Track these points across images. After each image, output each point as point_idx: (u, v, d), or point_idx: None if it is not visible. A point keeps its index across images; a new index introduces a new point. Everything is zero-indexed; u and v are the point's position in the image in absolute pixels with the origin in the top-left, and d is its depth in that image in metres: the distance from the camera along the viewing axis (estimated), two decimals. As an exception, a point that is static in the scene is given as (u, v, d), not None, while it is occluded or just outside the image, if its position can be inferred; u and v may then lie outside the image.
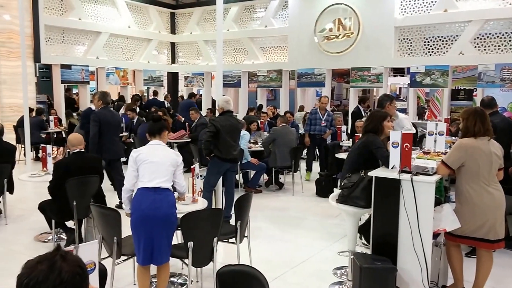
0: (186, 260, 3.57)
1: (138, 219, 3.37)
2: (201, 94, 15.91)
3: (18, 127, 9.79)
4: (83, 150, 4.66)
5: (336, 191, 4.11)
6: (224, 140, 5.38)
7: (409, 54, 11.12)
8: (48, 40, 12.00)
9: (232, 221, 4.31)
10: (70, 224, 4.94)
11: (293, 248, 4.99)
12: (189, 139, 8.95)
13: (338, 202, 3.87)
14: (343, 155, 6.70)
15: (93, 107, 6.91)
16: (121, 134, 10.50)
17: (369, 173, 3.58)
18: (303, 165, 8.05)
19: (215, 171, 5.41)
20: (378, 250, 3.53)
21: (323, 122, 7.79)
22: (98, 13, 13.20)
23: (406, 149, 3.45)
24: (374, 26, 11.16)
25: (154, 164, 3.46)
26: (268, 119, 10.56)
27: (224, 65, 5.77)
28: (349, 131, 8.89)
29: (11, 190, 5.82)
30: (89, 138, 5.92)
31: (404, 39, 11.12)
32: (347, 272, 4.17)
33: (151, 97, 14.42)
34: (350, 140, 8.03)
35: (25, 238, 5.21)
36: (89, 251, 2.01)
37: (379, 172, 3.55)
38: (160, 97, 14.50)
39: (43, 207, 4.90)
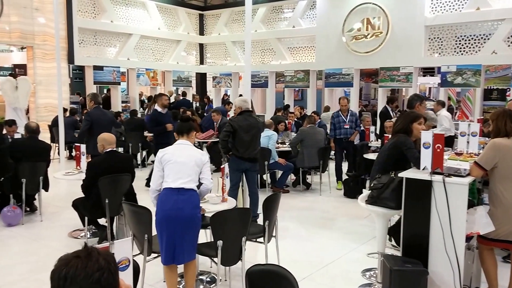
0: (215, 259, 3.61)
1: (161, 220, 3.42)
2: (228, 95, 16.03)
3: (53, 127, 10.10)
4: (115, 149, 4.77)
5: (365, 192, 4.07)
6: (241, 139, 5.42)
7: (439, 54, 10.88)
8: (82, 42, 12.34)
9: (260, 221, 4.33)
10: (102, 221, 5.07)
11: (321, 248, 4.97)
12: (217, 139, 9.04)
13: (367, 203, 3.83)
14: (371, 156, 6.62)
15: (159, 109, 7.22)
16: (149, 134, 10.75)
17: (400, 174, 3.53)
18: (331, 165, 7.98)
19: (233, 168, 5.45)
20: (409, 253, 3.47)
21: (346, 124, 7.69)
22: (129, 16, 13.48)
23: (438, 150, 3.39)
24: (403, 25, 10.98)
25: (178, 164, 3.49)
26: (295, 119, 10.54)
27: (251, 65, 5.81)
28: (377, 132, 8.77)
29: (46, 187, 6.01)
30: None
31: (434, 38, 10.89)
32: (376, 274, 4.12)
33: (180, 98, 14.63)
34: (379, 140, 7.92)
35: (59, 234, 5.37)
36: (123, 248, 2.05)
37: (410, 173, 3.49)
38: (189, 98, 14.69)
39: (76, 204, 5.04)
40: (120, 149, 9.49)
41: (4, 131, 6.54)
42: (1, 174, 5.71)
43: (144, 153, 10.19)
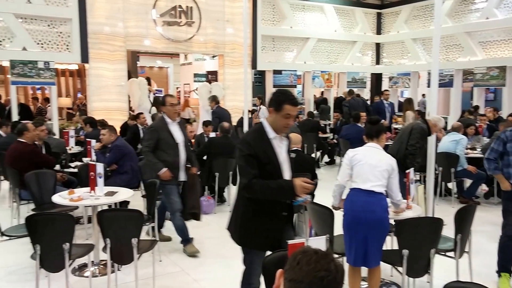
0: (399, 268, 3.43)
1: (352, 221, 3.40)
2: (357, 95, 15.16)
3: (238, 127, 11.07)
4: (300, 149, 4.96)
5: None
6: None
7: None
8: (263, 49, 13.22)
9: (448, 233, 3.94)
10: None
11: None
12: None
13: None
14: None
15: None
16: (324, 135, 10.90)
17: None
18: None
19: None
20: None
21: None
22: (307, 20, 13.91)
23: None
24: None
25: (369, 166, 3.43)
26: (487, 122, 9.37)
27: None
28: None
29: (234, 182, 6.60)
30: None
31: None
32: None
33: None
34: None
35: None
36: (317, 246, 2.09)
37: None
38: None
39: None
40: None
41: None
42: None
43: (318, 154, 10.37)
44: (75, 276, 4.22)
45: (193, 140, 7.58)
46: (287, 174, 2.89)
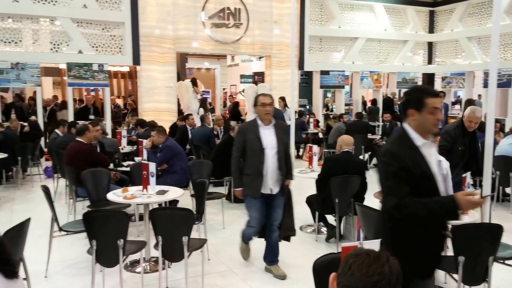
0: (455, 275, 3.29)
1: None
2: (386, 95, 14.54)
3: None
4: (350, 150, 4.88)
5: None
6: None
7: None
8: (311, 49, 13.12)
9: (507, 240, 3.73)
10: (331, 220, 5.25)
11: None
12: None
13: None
14: None
15: None
16: (372, 137, 10.65)
17: None
18: None
19: None
20: None
21: None
22: (356, 20, 13.66)
23: None
24: None
25: None
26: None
27: (489, 62, 5.03)
28: None
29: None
30: None
31: None
32: None
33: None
34: None
35: (292, 227, 5.79)
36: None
37: None
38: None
39: (310, 200, 5.37)
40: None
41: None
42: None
43: (367, 155, 10.15)
44: (127, 272, 4.36)
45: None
46: (441, 187, 2.45)
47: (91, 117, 10.54)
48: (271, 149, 4.07)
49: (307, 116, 12.20)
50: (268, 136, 4.09)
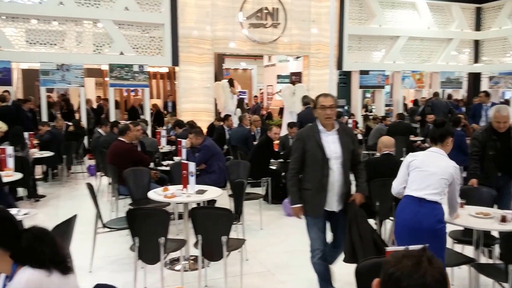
0: (505, 284, 3.13)
1: (402, 229, 3.31)
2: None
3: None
4: (392, 152, 4.74)
5: None
6: None
7: None
8: (350, 49, 12.90)
9: None
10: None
11: None
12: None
13: None
14: None
15: None
16: (414, 138, 10.33)
17: None
18: None
19: None
20: None
21: None
22: (397, 18, 13.33)
23: None
24: None
25: (426, 173, 3.25)
26: None
27: None
28: None
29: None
30: None
31: None
32: None
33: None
34: None
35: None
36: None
37: None
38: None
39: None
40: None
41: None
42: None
43: (408, 158, 9.84)
44: (167, 270, 4.41)
45: (277, 142, 7.58)
46: None
47: (142, 117, 10.82)
48: (335, 159, 3.46)
49: (346, 117, 11.98)
50: (331, 144, 3.47)
